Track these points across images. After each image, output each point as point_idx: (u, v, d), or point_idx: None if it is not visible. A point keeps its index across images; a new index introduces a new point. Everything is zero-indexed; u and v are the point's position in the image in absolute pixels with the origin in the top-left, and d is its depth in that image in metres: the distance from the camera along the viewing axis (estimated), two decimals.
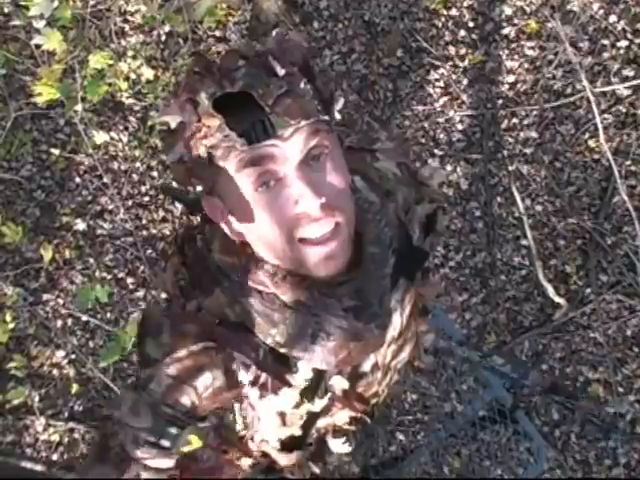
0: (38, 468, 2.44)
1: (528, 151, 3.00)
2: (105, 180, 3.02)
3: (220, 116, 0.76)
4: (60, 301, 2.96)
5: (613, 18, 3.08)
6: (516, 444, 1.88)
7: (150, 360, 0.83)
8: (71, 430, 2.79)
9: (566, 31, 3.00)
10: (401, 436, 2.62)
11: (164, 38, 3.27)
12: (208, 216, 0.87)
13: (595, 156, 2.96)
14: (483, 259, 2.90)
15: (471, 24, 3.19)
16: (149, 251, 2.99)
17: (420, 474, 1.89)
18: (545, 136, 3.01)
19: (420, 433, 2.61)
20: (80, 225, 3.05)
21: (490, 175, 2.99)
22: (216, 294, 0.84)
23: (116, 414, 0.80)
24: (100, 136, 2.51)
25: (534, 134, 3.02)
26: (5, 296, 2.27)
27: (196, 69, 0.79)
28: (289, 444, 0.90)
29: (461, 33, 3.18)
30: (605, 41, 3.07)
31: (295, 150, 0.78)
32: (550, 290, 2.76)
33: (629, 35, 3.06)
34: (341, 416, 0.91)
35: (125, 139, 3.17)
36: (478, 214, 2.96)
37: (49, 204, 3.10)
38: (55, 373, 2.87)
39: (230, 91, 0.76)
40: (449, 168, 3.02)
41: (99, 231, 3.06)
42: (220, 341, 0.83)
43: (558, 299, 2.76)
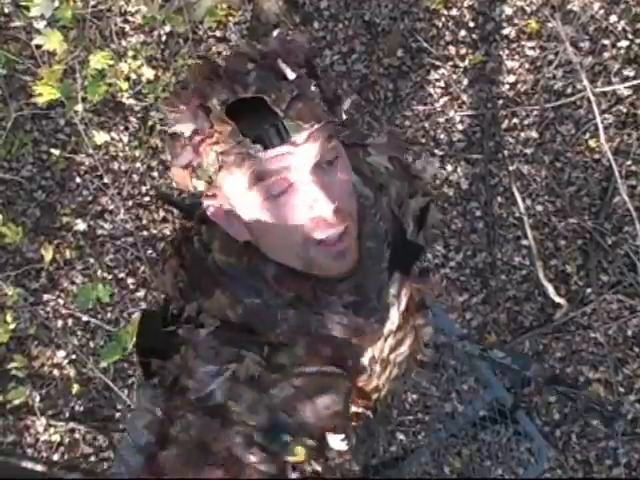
0: (39, 468, 2.44)
1: (528, 151, 3.00)
2: (105, 180, 3.02)
3: (232, 122, 0.75)
4: (61, 301, 2.96)
5: (614, 18, 3.08)
6: (517, 444, 1.87)
7: (277, 366, 0.82)
8: (72, 430, 2.79)
9: (566, 31, 3.00)
10: (402, 436, 2.62)
11: (164, 38, 3.28)
12: (204, 217, 0.86)
13: (596, 156, 2.96)
14: (484, 259, 2.90)
15: (471, 24, 3.19)
16: (149, 251, 2.99)
17: (421, 474, 1.89)
18: (545, 136, 3.01)
19: (421, 433, 2.61)
20: (80, 225, 3.05)
21: (490, 175, 2.99)
22: (216, 295, 0.84)
23: (234, 408, 0.78)
24: (100, 136, 2.52)
25: (534, 134, 3.02)
26: (6, 296, 2.26)
27: (204, 74, 0.78)
28: None
29: (461, 33, 3.18)
30: (606, 41, 3.07)
31: (309, 155, 0.77)
32: (551, 290, 2.76)
33: (630, 35, 3.06)
34: None
35: (125, 139, 3.17)
36: (479, 214, 2.96)
37: (49, 204, 3.10)
38: (56, 373, 2.87)
39: (243, 97, 0.76)
40: (449, 168, 3.02)
41: (99, 231, 3.06)
42: (226, 342, 0.83)
43: (559, 299, 2.76)
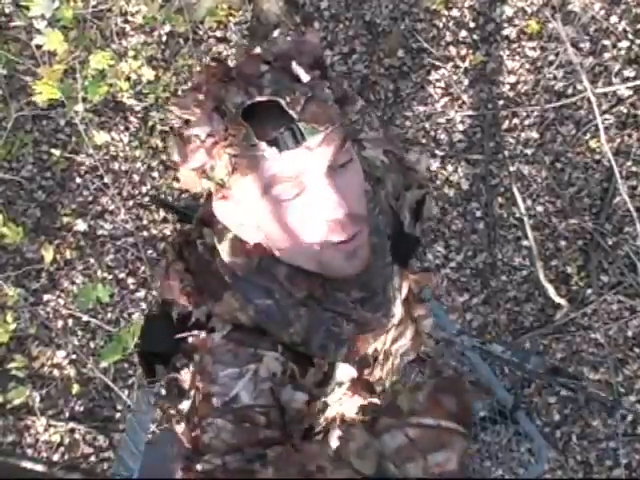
0: (39, 468, 2.43)
1: (529, 152, 3.00)
2: (106, 180, 3.02)
3: (247, 124, 0.74)
4: (61, 301, 2.96)
5: (614, 19, 3.08)
6: (517, 445, 1.88)
7: (394, 408, 0.77)
8: (72, 430, 2.79)
9: (567, 32, 3.00)
10: None
11: (165, 38, 3.28)
12: (205, 219, 0.85)
13: (596, 157, 2.96)
14: (484, 260, 2.90)
15: (472, 25, 3.19)
16: (150, 251, 2.99)
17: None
18: (546, 137, 3.01)
19: None
20: (81, 225, 3.05)
21: (491, 176, 2.99)
22: (226, 299, 0.83)
23: (344, 448, 0.73)
24: (101, 136, 2.52)
25: (535, 135, 3.02)
26: (6, 296, 2.26)
27: (218, 76, 0.77)
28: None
29: (462, 34, 3.18)
30: (606, 42, 3.07)
31: (324, 158, 0.77)
32: (551, 291, 2.76)
33: (630, 36, 3.06)
34: (350, 405, 0.91)
35: (126, 139, 3.17)
36: (479, 215, 2.96)
37: (50, 204, 3.10)
38: (56, 373, 2.87)
39: (259, 100, 0.75)
40: (450, 169, 3.02)
41: (100, 231, 3.06)
42: (240, 343, 0.82)
43: (559, 300, 2.76)
